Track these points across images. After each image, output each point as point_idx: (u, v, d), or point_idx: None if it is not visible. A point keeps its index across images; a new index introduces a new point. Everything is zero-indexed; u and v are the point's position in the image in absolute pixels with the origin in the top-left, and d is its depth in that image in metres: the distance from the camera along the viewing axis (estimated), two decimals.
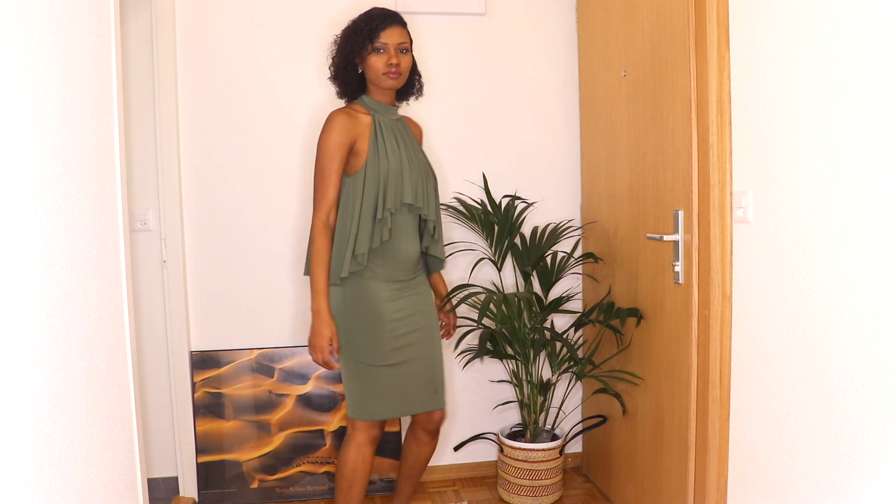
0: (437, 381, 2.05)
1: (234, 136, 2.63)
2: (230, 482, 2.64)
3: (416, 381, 2.00)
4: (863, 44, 1.32)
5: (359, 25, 1.93)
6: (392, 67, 1.90)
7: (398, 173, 1.93)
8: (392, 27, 1.92)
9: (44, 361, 1.08)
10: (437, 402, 2.05)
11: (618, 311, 2.41)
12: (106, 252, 1.39)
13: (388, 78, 1.92)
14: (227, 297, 2.67)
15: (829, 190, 1.43)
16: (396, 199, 1.92)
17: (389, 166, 1.91)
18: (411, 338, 1.99)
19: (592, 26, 2.65)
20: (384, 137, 1.95)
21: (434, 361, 2.05)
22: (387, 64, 1.90)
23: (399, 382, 1.97)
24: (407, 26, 1.99)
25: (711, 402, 1.88)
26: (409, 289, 2.02)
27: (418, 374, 2.00)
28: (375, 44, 1.90)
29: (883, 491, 1.31)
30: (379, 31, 1.90)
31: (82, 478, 1.21)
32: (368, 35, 1.90)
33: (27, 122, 1.06)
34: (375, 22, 1.91)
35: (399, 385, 1.97)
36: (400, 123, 2.04)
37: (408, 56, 1.96)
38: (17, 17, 1.04)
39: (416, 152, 2.03)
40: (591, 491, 2.72)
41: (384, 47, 1.91)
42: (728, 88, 1.78)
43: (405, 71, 1.95)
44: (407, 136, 2.04)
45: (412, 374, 1.99)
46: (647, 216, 2.24)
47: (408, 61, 1.96)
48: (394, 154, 1.94)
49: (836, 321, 1.43)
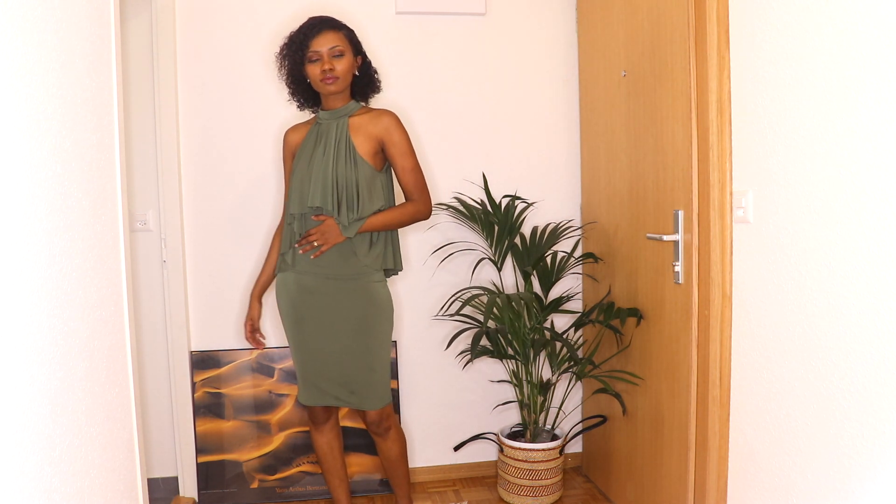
0: (351, 382, 2.07)
1: (234, 136, 2.63)
2: (230, 482, 2.64)
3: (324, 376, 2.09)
4: (863, 44, 1.32)
5: (292, 39, 1.99)
6: (325, 73, 1.95)
7: (305, 179, 2.01)
8: (321, 34, 1.95)
9: (44, 361, 1.08)
10: (355, 403, 2.09)
11: (618, 311, 2.41)
12: (106, 252, 1.39)
13: (325, 84, 1.97)
14: (227, 297, 2.67)
15: (829, 190, 1.43)
16: (300, 203, 2.02)
17: (296, 174, 2.04)
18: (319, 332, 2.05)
19: (592, 26, 2.65)
20: (305, 145, 2.06)
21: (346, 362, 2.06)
22: (321, 70, 1.95)
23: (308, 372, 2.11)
24: (344, 29, 2.00)
25: (711, 402, 1.88)
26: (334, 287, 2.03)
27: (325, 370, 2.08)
28: (308, 53, 1.95)
29: (883, 491, 1.31)
30: (309, 41, 1.95)
31: (82, 478, 1.21)
32: (300, 47, 1.96)
33: (27, 122, 1.06)
34: (305, 32, 1.96)
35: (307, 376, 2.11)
36: (336, 125, 2.03)
37: (344, 59, 1.97)
38: (17, 17, 1.04)
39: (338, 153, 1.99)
40: (591, 491, 2.72)
41: (317, 55, 1.95)
42: (728, 88, 1.78)
43: (342, 74, 1.97)
44: (335, 138, 2.00)
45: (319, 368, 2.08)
46: (647, 216, 2.24)
47: (345, 63, 1.97)
48: (307, 160, 2.03)
49: (836, 321, 1.43)
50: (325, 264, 2.03)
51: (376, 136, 2.03)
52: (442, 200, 2.74)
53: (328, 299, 2.04)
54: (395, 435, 2.19)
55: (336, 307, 2.04)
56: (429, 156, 2.75)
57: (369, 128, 2.04)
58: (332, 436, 2.25)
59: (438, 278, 2.77)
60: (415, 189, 2.07)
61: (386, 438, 2.17)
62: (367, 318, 2.05)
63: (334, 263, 2.03)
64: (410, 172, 2.07)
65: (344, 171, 1.98)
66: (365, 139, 2.03)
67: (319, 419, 2.21)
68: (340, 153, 1.99)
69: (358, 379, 2.07)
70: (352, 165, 1.99)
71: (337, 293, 2.03)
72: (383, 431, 2.16)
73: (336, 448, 2.27)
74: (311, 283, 2.04)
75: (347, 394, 2.08)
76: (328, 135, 2.03)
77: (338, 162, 1.98)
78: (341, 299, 2.03)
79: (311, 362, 2.09)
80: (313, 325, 2.06)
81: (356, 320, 2.04)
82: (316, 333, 2.06)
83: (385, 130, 2.03)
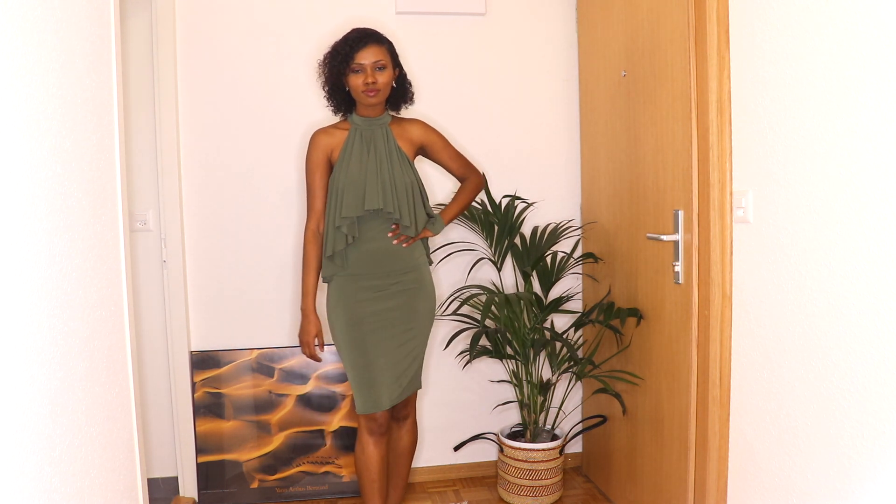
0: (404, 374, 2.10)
1: (235, 136, 2.63)
2: (230, 482, 2.64)
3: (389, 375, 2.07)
4: (863, 44, 1.32)
5: (337, 49, 2.06)
6: (369, 86, 2.02)
7: (360, 181, 2.04)
8: (367, 48, 2.02)
9: (44, 361, 1.08)
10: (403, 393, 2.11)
11: (618, 311, 2.40)
12: (106, 252, 1.39)
13: (367, 96, 2.03)
14: (227, 297, 2.67)
15: (829, 190, 1.43)
16: (355, 206, 2.03)
17: (349, 176, 2.05)
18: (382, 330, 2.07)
19: (592, 26, 2.65)
20: (353, 149, 2.09)
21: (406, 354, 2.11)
22: (364, 83, 2.02)
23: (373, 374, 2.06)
24: (387, 43, 2.07)
25: (711, 402, 1.87)
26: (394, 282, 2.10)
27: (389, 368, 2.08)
28: (352, 65, 2.02)
29: (883, 491, 1.31)
30: (354, 53, 2.01)
31: (82, 478, 1.21)
32: (345, 58, 2.02)
33: (27, 122, 1.06)
34: (351, 44, 2.02)
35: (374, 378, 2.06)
36: (381, 132, 2.11)
37: (385, 72, 2.05)
38: (17, 17, 1.04)
39: (391, 158, 2.09)
40: (591, 491, 2.72)
41: (361, 68, 2.02)
42: (728, 88, 1.78)
43: (383, 87, 2.05)
44: (385, 143, 2.10)
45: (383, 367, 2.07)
46: (647, 216, 2.24)
47: (386, 76, 2.05)
48: (358, 164, 2.06)
49: (836, 321, 1.43)
50: (384, 261, 2.09)
51: (416, 141, 2.18)
52: (442, 200, 2.74)
53: (389, 295, 2.09)
54: (411, 424, 2.23)
55: (397, 301, 2.10)
56: None
57: (409, 135, 2.17)
58: (385, 449, 2.15)
59: (438, 278, 2.77)
60: (466, 168, 2.26)
61: (402, 426, 2.20)
62: (425, 306, 2.16)
63: (391, 259, 2.10)
64: (457, 158, 2.25)
65: (401, 175, 2.08)
66: (408, 145, 2.16)
67: (381, 427, 2.10)
68: (394, 158, 2.09)
69: (411, 367, 2.13)
70: (408, 169, 2.11)
71: (397, 287, 2.10)
72: (404, 418, 2.20)
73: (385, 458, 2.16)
74: (370, 282, 2.08)
75: (399, 387, 2.09)
76: (375, 140, 2.10)
77: (393, 166, 2.08)
78: (401, 292, 2.10)
79: (375, 363, 2.06)
80: (375, 325, 2.07)
81: (415, 310, 2.12)
82: (379, 332, 2.07)
83: (423, 135, 2.19)
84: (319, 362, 2.20)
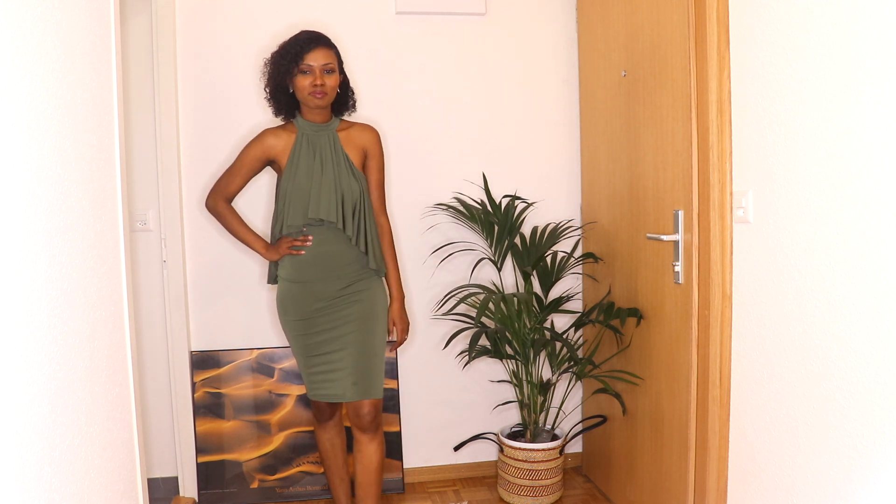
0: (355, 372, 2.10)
1: (234, 135, 2.63)
2: (230, 482, 2.64)
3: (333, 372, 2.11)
4: (863, 44, 1.32)
5: (286, 49, 2.05)
6: (317, 88, 2.02)
7: (305, 189, 2.05)
8: (316, 49, 2.02)
9: (44, 361, 1.08)
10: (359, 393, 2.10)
11: (618, 311, 2.41)
12: (106, 252, 1.39)
13: (314, 97, 2.03)
14: (227, 297, 2.67)
15: (829, 190, 1.43)
16: (301, 214, 2.05)
17: (296, 183, 2.05)
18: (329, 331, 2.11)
19: (592, 26, 2.65)
20: (300, 155, 2.08)
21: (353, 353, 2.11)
22: (312, 84, 2.02)
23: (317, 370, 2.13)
24: (335, 48, 2.08)
25: (711, 402, 1.87)
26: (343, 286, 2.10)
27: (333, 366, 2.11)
28: (301, 66, 2.02)
29: (883, 491, 1.31)
30: (304, 54, 2.01)
31: (82, 478, 1.21)
32: (294, 58, 2.02)
33: (27, 122, 1.06)
34: (301, 45, 2.02)
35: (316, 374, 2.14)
36: (328, 138, 2.10)
37: (333, 76, 2.06)
38: (17, 17, 1.04)
39: (338, 167, 2.08)
40: (591, 491, 2.72)
41: (309, 69, 2.02)
42: (728, 88, 1.78)
43: (330, 90, 2.06)
44: (332, 150, 2.09)
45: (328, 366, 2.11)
46: (647, 216, 2.24)
47: (333, 80, 2.06)
48: (305, 171, 2.06)
49: (836, 321, 1.43)
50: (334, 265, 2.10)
51: (362, 147, 2.17)
52: (442, 200, 2.74)
53: (337, 300, 2.11)
54: (381, 437, 2.17)
55: (345, 305, 2.11)
56: (428, 156, 2.75)
57: (356, 140, 2.16)
58: (335, 433, 2.30)
59: (438, 278, 2.77)
60: (382, 204, 2.22)
61: (374, 438, 2.14)
62: (374, 308, 2.14)
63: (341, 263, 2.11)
64: (381, 187, 2.21)
65: (349, 184, 2.08)
66: (354, 152, 2.14)
67: (324, 415, 2.26)
68: (341, 167, 2.09)
69: (362, 369, 2.10)
70: (354, 179, 2.10)
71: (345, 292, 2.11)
72: (374, 428, 2.13)
73: (338, 446, 2.31)
74: (321, 289, 2.10)
75: (350, 386, 2.10)
76: (322, 147, 2.09)
77: (340, 175, 2.08)
78: (349, 295, 2.11)
79: (320, 362, 2.13)
80: (323, 326, 2.12)
81: (363, 311, 2.12)
82: (326, 333, 2.11)
83: (371, 143, 2.18)
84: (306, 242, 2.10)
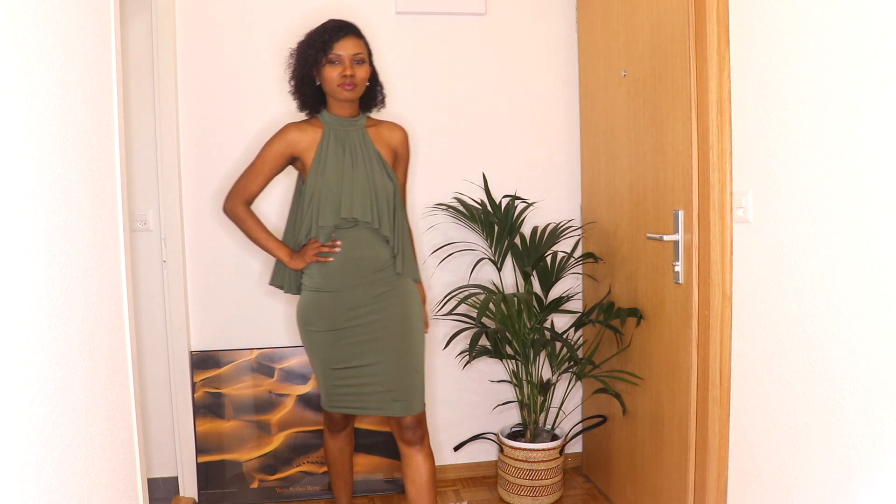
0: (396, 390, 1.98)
1: (235, 135, 2.63)
2: (230, 482, 2.64)
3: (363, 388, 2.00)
4: (863, 44, 1.32)
5: (313, 38, 1.93)
6: (346, 79, 1.89)
7: (336, 187, 1.92)
8: (346, 38, 1.90)
9: (44, 361, 1.08)
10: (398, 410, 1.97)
11: (618, 311, 2.41)
12: (106, 252, 1.39)
13: (343, 89, 1.91)
14: (227, 297, 2.67)
15: (829, 190, 1.43)
16: (332, 214, 1.92)
17: (325, 181, 1.92)
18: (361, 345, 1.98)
19: (592, 26, 2.65)
20: (328, 151, 1.95)
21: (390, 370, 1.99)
22: (341, 75, 1.89)
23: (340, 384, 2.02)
24: (364, 38, 1.96)
25: (711, 402, 1.87)
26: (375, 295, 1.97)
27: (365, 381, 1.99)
28: (329, 55, 1.89)
29: (883, 491, 1.31)
30: (332, 43, 1.89)
31: (82, 478, 1.21)
32: (322, 47, 1.89)
33: (27, 122, 1.06)
34: (329, 34, 1.90)
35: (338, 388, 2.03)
36: (357, 134, 1.99)
37: (363, 67, 1.93)
38: (17, 17, 1.04)
39: (370, 164, 1.97)
40: (591, 491, 2.72)
41: (338, 59, 1.90)
42: (728, 88, 1.78)
43: (360, 82, 1.93)
44: (362, 147, 1.98)
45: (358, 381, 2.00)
46: (647, 216, 2.24)
47: (363, 72, 1.93)
48: (335, 167, 1.93)
49: (836, 321, 1.43)
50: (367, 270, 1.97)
51: (393, 147, 2.06)
52: (442, 200, 2.74)
53: (370, 308, 1.97)
54: (428, 447, 2.03)
55: (378, 313, 1.97)
56: (428, 156, 2.75)
57: (386, 138, 2.04)
58: (346, 442, 2.23)
59: (438, 278, 2.77)
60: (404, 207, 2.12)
61: (420, 449, 2.00)
62: (411, 316, 2.01)
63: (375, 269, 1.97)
64: (404, 190, 2.14)
65: (383, 182, 1.96)
66: (385, 150, 2.03)
67: (338, 426, 2.17)
68: (374, 164, 1.97)
69: (404, 384, 1.98)
70: (387, 176, 1.98)
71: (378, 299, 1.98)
72: (419, 439, 2.01)
73: (347, 454, 2.25)
74: (352, 297, 1.96)
75: (390, 402, 1.97)
76: (352, 143, 1.97)
77: (373, 172, 1.96)
78: (383, 302, 1.98)
79: (348, 375, 2.00)
80: (354, 338, 1.98)
81: (399, 320, 1.99)
82: (357, 346, 1.98)
83: (401, 143, 2.08)
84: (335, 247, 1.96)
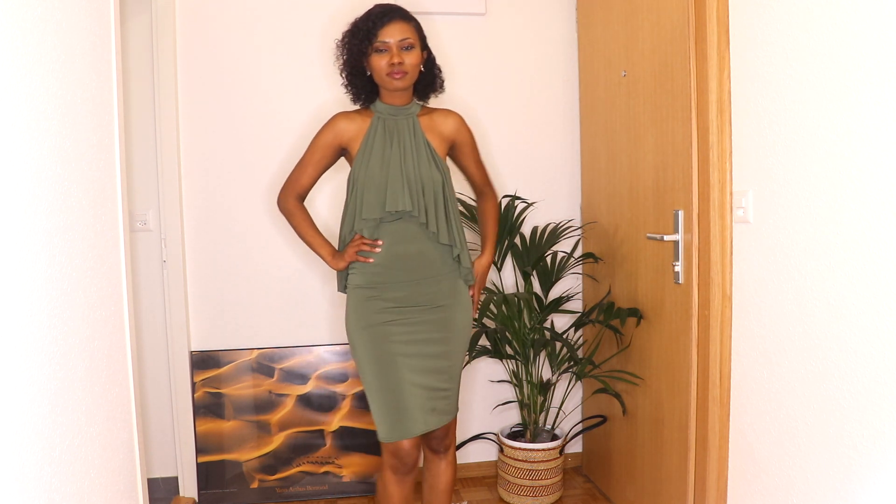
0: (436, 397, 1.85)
1: (235, 135, 2.63)
2: (230, 482, 2.64)
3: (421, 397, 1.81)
4: (863, 44, 1.32)
5: (357, 26, 1.81)
6: (394, 67, 1.76)
7: (381, 179, 1.80)
8: (392, 24, 1.76)
9: (44, 361, 1.08)
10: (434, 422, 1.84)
11: (618, 311, 2.40)
12: (106, 252, 1.39)
13: (392, 79, 1.78)
14: (227, 297, 2.67)
15: (829, 190, 1.43)
16: (377, 207, 1.80)
17: (369, 173, 1.81)
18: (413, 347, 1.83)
19: (592, 26, 2.65)
20: (374, 141, 1.84)
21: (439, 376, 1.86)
22: (388, 64, 1.76)
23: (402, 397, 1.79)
24: (414, 21, 1.83)
25: (711, 402, 1.87)
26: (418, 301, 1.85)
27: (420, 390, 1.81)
28: (375, 43, 1.76)
29: (883, 491, 1.31)
30: (377, 30, 1.76)
31: (82, 478, 1.21)
32: (367, 35, 1.77)
33: (27, 122, 1.06)
34: (374, 20, 1.77)
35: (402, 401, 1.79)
36: (408, 122, 1.86)
37: (413, 52, 1.79)
38: (17, 17, 1.04)
39: (418, 154, 1.84)
40: (591, 491, 2.72)
41: (385, 46, 1.76)
42: (728, 88, 1.78)
43: (411, 69, 1.79)
44: (411, 136, 1.85)
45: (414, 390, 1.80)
46: (647, 216, 2.24)
47: (413, 57, 1.79)
48: (380, 159, 1.82)
49: (836, 321, 1.43)
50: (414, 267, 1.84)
51: (448, 137, 1.93)
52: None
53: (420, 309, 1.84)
54: (453, 455, 1.94)
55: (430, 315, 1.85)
56: None
57: (440, 128, 1.91)
58: (411, 489, 1.87)
59: None
60: (486, 181, 2.08)
61: (444, 458, 1.92)
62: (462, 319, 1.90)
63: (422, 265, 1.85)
64: (481, 167, 2.06)
65: (430, 174, 1.83)
66: (438, 140, 1.90)
67: (408, 460, 1.81)
68: (421, 154, 1.84)
69: (445, 391, 1.86)
70: (435, 168, 1.85)
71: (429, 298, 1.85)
72: (444, 449, 1.91)
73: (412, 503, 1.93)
74: (398, 293, 1.83)
75: (429, 412, 1.81)
76: (400, 133, 1.84)
77: (420, 164, 1.83)
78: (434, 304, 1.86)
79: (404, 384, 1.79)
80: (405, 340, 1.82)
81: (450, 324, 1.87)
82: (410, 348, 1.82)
83: (457, 131, 1.94)
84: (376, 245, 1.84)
